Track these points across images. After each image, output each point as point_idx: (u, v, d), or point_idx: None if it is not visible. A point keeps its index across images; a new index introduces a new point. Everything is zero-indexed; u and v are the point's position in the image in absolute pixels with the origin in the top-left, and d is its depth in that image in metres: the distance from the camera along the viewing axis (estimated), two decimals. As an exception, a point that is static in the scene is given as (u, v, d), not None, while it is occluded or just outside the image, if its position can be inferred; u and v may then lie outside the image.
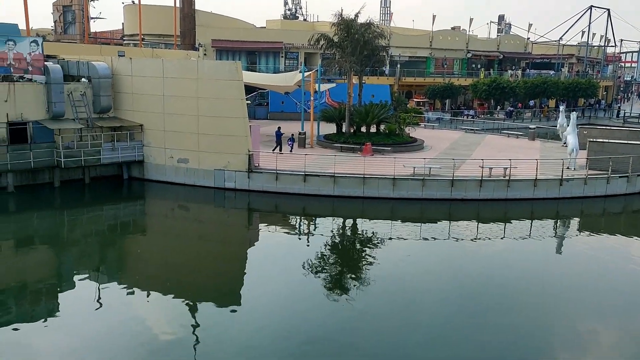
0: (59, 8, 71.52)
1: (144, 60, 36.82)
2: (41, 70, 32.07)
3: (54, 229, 27.52)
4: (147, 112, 33.75)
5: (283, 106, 54.97)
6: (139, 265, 22.54)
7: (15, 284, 20.08)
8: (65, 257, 23.79)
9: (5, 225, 27.17)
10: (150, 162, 34.32)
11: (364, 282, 20.36)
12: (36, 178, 31.70)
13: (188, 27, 62.13)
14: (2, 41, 31.33)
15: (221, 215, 30.77)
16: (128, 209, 31.69)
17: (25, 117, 31.30)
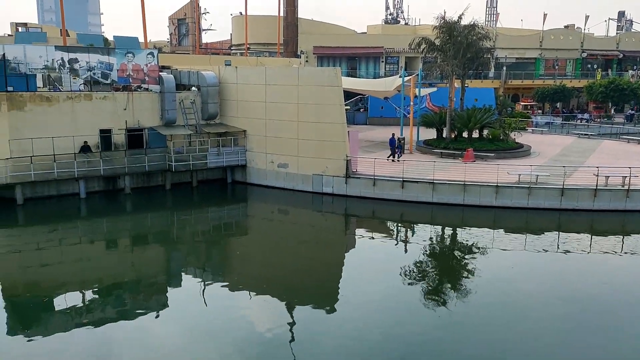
0: (174, 21, 76.71)
1: (249, 69, 38.35)
2: (156, 80, 34.47)
3: (165, 229, 29.39)
4: (250, 118, 35.09)
5: (382, 111, 54.69)
6: (240, 265, 23.40)
7: (130, 278, 21.66)
8: (175, 255, 25.30)
9: (123, 224, 29.46)
10: (252, 166, 35.60)
11: (464, 292, 19.58)
12: (150, 181, 34.07)
13: (291, 35, 63.89)
14: (122, 54, 34.10)
15: (319, 220, 31.14)
16: (231, 211, 33.08)
17: (142, 124, 33.79)
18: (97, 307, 18.65)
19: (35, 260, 23.95)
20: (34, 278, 21.88)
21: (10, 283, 21.49)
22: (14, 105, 29.67)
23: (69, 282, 21.00)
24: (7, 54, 30.20)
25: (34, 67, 31.21)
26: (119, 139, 33.13)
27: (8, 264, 23.52)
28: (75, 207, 30.55)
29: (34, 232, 27.84)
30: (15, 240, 26.88)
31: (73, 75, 32.32)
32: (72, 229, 28.50)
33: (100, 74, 33.19)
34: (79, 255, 24.71)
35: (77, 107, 31.50)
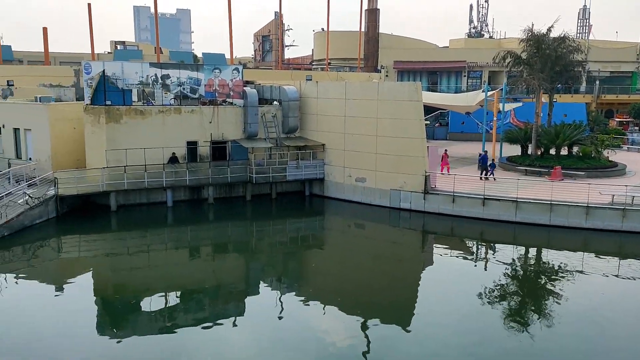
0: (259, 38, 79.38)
1: (329, 83, 38.88)
2: (240, 95, 35.77)
3: (245, 239, 30.24)
4: (329, 132, 35.48)
5: (463, 127, 53.41)
6: (316, 277, 23.58)
7: (210, 285, 22.45)
8: (253, 264, 25.94)
9: (205, 233, 30.64)
10: (330, 180, 35.90)
11: (548, 318, 18.54)
12: (232, 192, 35.24)
13: (371, 50, 64.15)
14: (210, 70, 35.70)
15: (395, 235, 30.78)
16: (308, 224, 33.46)
17: (226, 136, 35.11)
18: (179, 312, 19.46)
19: (125, 264, 25.44)
20: (123, 281, 23.24)
21: (103, 284, 22.95)
22: (111, 118, 31.85)
23: (155, 286, 22.08)
24: (106, 70, 32.56)
25: (130, 83, 33.38)
26: (204, 151, 34.61)
27: (101, 267, 25.15)
28: (162, 214, 32.18)
29: (125, 237, 29.61)
30: (108, 244, 28.71)
31: (165, 90, 34.24)
32: (159, 235, 30.02)
33: (189, 89, 34.91)
34: (165, 261, 25.96)
35: (167, 120, 33.31)
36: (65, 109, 34.18)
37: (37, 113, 33.73)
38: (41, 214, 28.65)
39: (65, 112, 33.92)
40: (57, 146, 33.13)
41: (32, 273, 23.42)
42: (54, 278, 23.04)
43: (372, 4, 63.68)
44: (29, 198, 28.23)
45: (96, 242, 28.83)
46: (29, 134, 34.38)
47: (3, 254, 24.96)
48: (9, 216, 26.54)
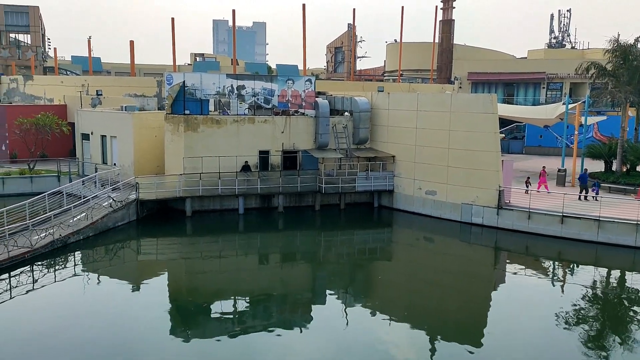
0: (332, 50, 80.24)
1: (400, 95, 38.61)
2: (312, 105, 36.26)
3: (313, 248, 30.48)
4: (399, 144, 35.19)
5: (541, 140, 51.37)
6: (382, 289, 23.36)
7: (278, 293, 22.78)
8: (320, 274, 26.09)
9: (275, 241, 31.19)
10: (399, 192, 35.53)
11: (631, 348, 17.34)
12: (301, 201, 35.69)
13: (445, 61, 63.20)
14: (283, 80, 36.48)
15: (466, 251, 29.96)
16: (376, 236, 33.25)
17: (297, 146, 35.66)
18: (247, 317, 19.88)
19: (198, 268, 26.37)
20: (196, 284, 24.08)
21: (177, 287, 23.88)
22: (189, 127, 33.23)
23: (225, 291, 22.72)
24: (186, 81, 34.05)
25: (208, 93, 34.72)
26: (275, 160, 35.32)
27: (176, 270, 26.20)
28: (234, 221, 33.09)
29: (198, 241, 30.71)
30: (183, 248, 29.88)
31: (240, 100, 35.33)
32: (230, 241, 30.88)
33: (263, 99, 35.83)
34: (235, 267, 26.65)
35: (241, 129, 34.31)
36: (147, 118, 36.06)
37: (123, 121, 35.78)
38: (123, 217, 30.28)
39: (147, 120, 35.78)
40: (140, 153, 34.98)
41: (112, 272, 24.77)
42: (132, 278, 24.23)
43: (446, 15, 62.81)
44: (112, 201, 29.92)
45: (172, 246, 30.08)
46: (115, 141, 36.51)
47: (88, 253, 26.59)
48: (94, 218, 28.25)
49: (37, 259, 24.17)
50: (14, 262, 23.10)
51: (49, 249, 25.00)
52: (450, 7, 62.95)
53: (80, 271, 24.66)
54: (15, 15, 67.57)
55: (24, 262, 23.53)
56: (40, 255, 24.42)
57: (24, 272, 23.00)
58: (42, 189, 33.08)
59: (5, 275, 22.27)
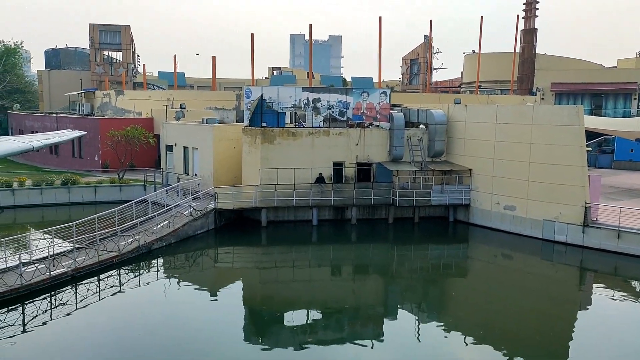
0: (407, 62, 79.67)
1: (478, 107, 37.64)
2: (387, 118, 36.12)
3: (385, 261, 30.21)
4: (476, 157, 34.25)
5: (632, 154, 48.22)
6: (457, 306, 22.71)
7: (350, 305, 22.74)
8: (393, 288, 25.79)
9: (347, 253, 31.21)
10: (476, 206, 34.52)
11: None
12: (374, 213, 35.52)
13: (526, 72, 60.96)
14: (358, 93, 36.63)
15: (548, 270, 28.53)
16: (451, 251, 32.43)
17: (371, 158, 35.62)
18: (319, 328, 19.99)
19: (272, 277, 26.89)
20: (270, 293, 24.55)
21: (251, 295, 24.46)
22: (266, 139, 34.11)
23: (298, 301, 22.99)
24: (264, 94, 35.04)
25: (285, 106, 35.53)
26: (349, 172, 35.44)
27: (251, 279, 26.85)
28: (307, 232, 33.47)
29: (273, 251, 31.33)
30: (258, 257, 30.60)
31: (315, 113, 35.86)
32: (303, 252, 31.24)
33: (338, 111, 36.15)
34: (308, 277, 26.92)
35: (316, 141, 34.77)
36: (227, 130, 37.41)
37: (203, 133, 37.34)
38: (202, 225, 31.47)
39: (226, 132, 37.13)
40: (219, 164, 36.31)
41: (191, 278, 25.77)
42: (210, 285, 25.09)
43: (528, 24, 60.66)
44: (193, 210, 31.21)
45: (247, 255, 30.89)
46: (196, 152, 38.14)
47: (169, 259, 27.85)
48: (176, 225, 29.58)
49: (123, 263, 25.61)
50: (103, 266, 24.62)
51: (134, 254, 26.43)
52: (532, 15, 60.78)
53: (162, 276, 25.86)
54: (109, 34, 72.51)
55: (112, 266, 25.01)
56: (126, 260, 25.86)
57: (112, 275, 24.44)
58: (129, 197, 35.15)
59: (95, 278, 23.76)
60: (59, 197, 38.58)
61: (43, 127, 52.84)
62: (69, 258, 23.62)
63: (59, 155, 49.97)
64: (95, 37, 71.23)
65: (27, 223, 34.61)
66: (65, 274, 22.87)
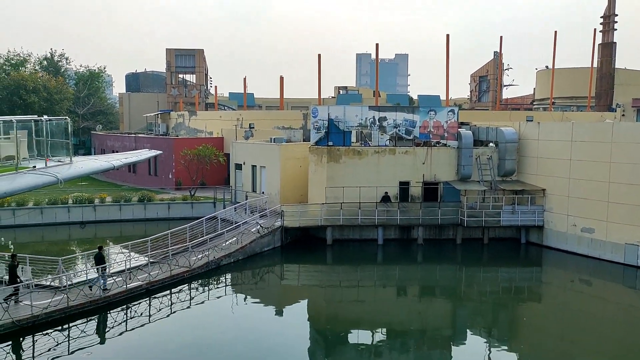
0: (476, 79, 78.12)
1: (552, 124, 36.25)
2: (454, 136, 35.48)
3: (453, 283, 29.41)
4: (550, 177, 32.85)
5: None
6: (530, 333, 21.68)
7: (416, 327, 22.28)
8: (460, 311, 25.02)
9: (413, 273, 30.68)
10: (550, 228, 33.02)
11: None
12: (441, 233, 34.75)
13: (605, 87, 58.11)
14: (425, 111, 36.25)
15: (631, 298, 26.72)
16: (523, 274, 31.10)
17: (438, 177, 35.02)
18: (384, 350, 19.68)
19: (337, 296, 26.84)
20: (334, 312, 24.50)
21: (316, 313, 24.50)
22: (332, 158, 34.37)
23: (363, 321, 22.78)
24: (330, 113, 35.42)
25: (350, 125, 35.72)
26: (415, 191, 34.99)
27: (316, 297, 26.93)
28: (373, 251, 33.21)
29: (338, 270, 31.31)
30: (323, 275, 30.68)
31: (381, 131, 35.78)
32: (369, 271, 31.00)
33: (404, 130, 35.89)
34: (373, 297, 26.66)
35: (382, 160, 34.65)
36: (293, 149, 38.05)
37: (271, 152, 38.16)
38: (269, 243, 32.00)
39: (293, 151, 37.76)
40: (285, 182, 36.93)
41: (258, 295, 26.20)
42: (276, 302, 25.39)
43: (607, 38, 57.96)
44: (260, 227, 31.82)
45: (313, 273, 31.04)
46: (264, 171, 39.00)
47: (237, 275, 28.47)
48: (244, 242, 30.25)
49: (194, 278, 26.44)
50: (175, 280, 25.52)
51: (204, 269, 27.23)
52: (611, 29, 58.03)
53: (230, 292, 26.45)
54: (184, 57, 76.00)
55: (182, 280, 25.88)
56: (196, 275, 26.68)
57: (183, 290, 25.27)
58: (200, 213, 36.38)
59: (167, 291, 24.66)
60: (136, 213, 40.54)
61: (123, 147, 55.90)
62: (143, 272, 24.68)
63: (136, 173, 52.61)
64: (171, 61, 74.91)
65: (106, 237, 36.54)
66: (141, 287, 23.90)
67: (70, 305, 20.95)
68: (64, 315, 20.72)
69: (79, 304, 21.26)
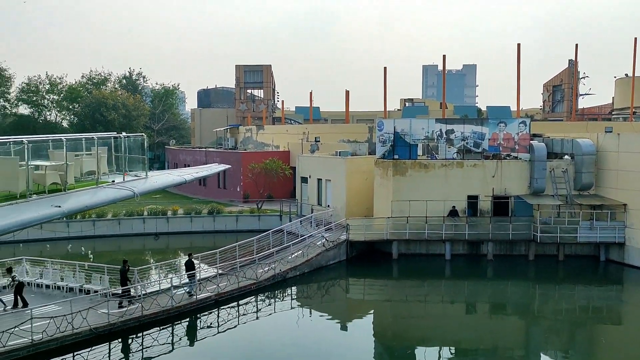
0: (549, 88, 75.17)
1: (633, 135, 34.22)
2: (526, 149, 34.21)
3: (525, 300, 28.19)
4: (632, 191, 30.94)
5: None
6: (610, 355, 20.40)
7: (486, 346, 21.50)
8: (534, 329, 23.93)
9: (483, 290, 29.69)
10: (632, 245, 31.03)
11: None
12: (512, 249, 33.46)
13: (692, 95, 54.20)
14: (494, 123, 35.23)
15: None
16: (602, 293, 29.34)
17: (509, 191, 33.85)
18: (453, 369, 19.12)
19: (403, 311, 26.42)
20: (401, 328, 24.12)
21: (382, 329, 24.20)
22: (398, 171, 34.07)
23: (430, 338, 22.27)
24: (396, 126, 35.18)
25: (417, 138, 35.31)
26: (484, 205, 33.97)
27: (382, 312, 26.63)
28: (440, 267, 32.47)
29: (404, 285, 30.84)
30: (389, 290, 30.32)
31: (448, 144, 35.11)
32: (436, 287, 30.32)
33: (473, 143, 35.03)
34: (441, 313, 26.00)
35: (449, 173, 33.95)
36: (359, 162, 38.05)
37: (337, 166, 38.34)
38: (334, 256, 32.05)
39: (359, 165, 37.76)
40: (351, 195, 36.94)
41: (323, 308, 26.22)
42: (341, 316, 25.31)
43: (694, 41, 54.11)
44: (325, 241, 31.95)
45: (378, 287, 30.75)
46: (329, 184, 39.21)
47: (303, 289, 28.67)
48: (309, 255, 30.47)
49: (260, 290, 26.87)
50: (242, 292, 26.03)
51: (270, 282, 27.63)
52: (698, 31, 54.29)
53: (296, 304, 26.67)
54: (252, 73, 78.17)
55: (250, 292, 26.36)
56: (263, 287, 27.10)
57: (250, 301, 25.74)
58: (267, 226, 37.03)
59: (234, 303, 25.20)
60: (206, 225, 41.85)
61: (194, 160, 58.04)
62: (212, 283, 25.37)
63: (206, 186, 54.35)
64: (240, 77, 77.21)
65: (178, 248, 37.94)
66: (209, 298, 24.56)
67: (144, 315, 21.84)
68: (138, 324, 21.61)
69: (152, 313, 22.12)
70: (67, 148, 16.54)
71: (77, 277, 25.12)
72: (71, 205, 15.75)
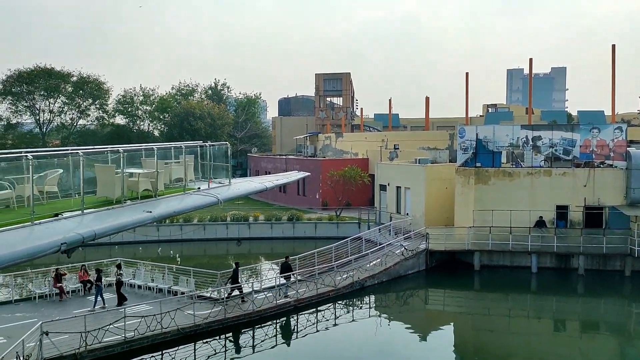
0: (647, 91, 69.90)
1: None
2: (622, 156, 32.01)
3: (620, 319, 26.30)
4: None
5: None
6: None
7: (576, 366, 20.26)
8: (630, 350, 22.24)
9: (573, 306, 28.05)
10: None
11: None
12: (606, 264, 31.29)
13: None
14: (587, 129, 33.26)
15: None
16: None
17: (602, 202, 31.79)
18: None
19: (485, 325, 25.49)
20: (482, 342, 23.27)
21: (462, 342, 23.46)
22: (480, 180, 33.00)
23: (514, 354, 21.35)
24: (479, 134, 34.11)
25: (500, 145, 34.03)
26: (575, 216, 32.10)
27: (463, 324, 25.85)
28: (525, 280, 31.00)
29: (486, 297, 29.77)
30: (470, 302, 29.36)
31: (535, 151, 33.56)
32: (521, 301, 29.00)
33: (562, 150, 33.26)
34: (526, 329, 24.81)
35: (535, 182, 32.43)
36: (439, 170, 37.27)
37: (416, 173, 37.78)
38: (413, 265, 31.52)
39: (439, 172, 36.98)
40: (430, 204, 36.24)
41: (402, 318, 25.86)
42: (420, 327, 24.81)
43: None
44: (404, 250, 31.52)
45: (459, 299, 29.88)
46: (408, 192, 38.69)
47: (381, 297, 28.43)
48: (388, 264, 30.17)
49: (338, 297, 26.93)
50: (320, 299, 26.21)
51: (348, 289, 27.62)
52: None
53: (374, 313, 26.49)
54: (332, 81, 79.02)
55: (327, 299, 26.49)
56: (341, 295, 27.14)
57: (328, 308, 25.86)
58: (345, 234, 37.13)
59: (313, 309, 25.43)
60: (285, 232, 42.66)
61: (274, 167, 59.42)
62: (292, 289, 25.77)
63: (286, 193, 55.42)
64: (320, 85, 78.25)
65: (259, 254, 38.91)
66: (289, 304, 24.96)
67: (227, 317, 22.56)
68: (221, 327, 22.35)
69: (235, 317, 22.81)
70: (158, 156, 17.46)
71: (166, 279, 26.43)
72: (161, 210, 16.59)
